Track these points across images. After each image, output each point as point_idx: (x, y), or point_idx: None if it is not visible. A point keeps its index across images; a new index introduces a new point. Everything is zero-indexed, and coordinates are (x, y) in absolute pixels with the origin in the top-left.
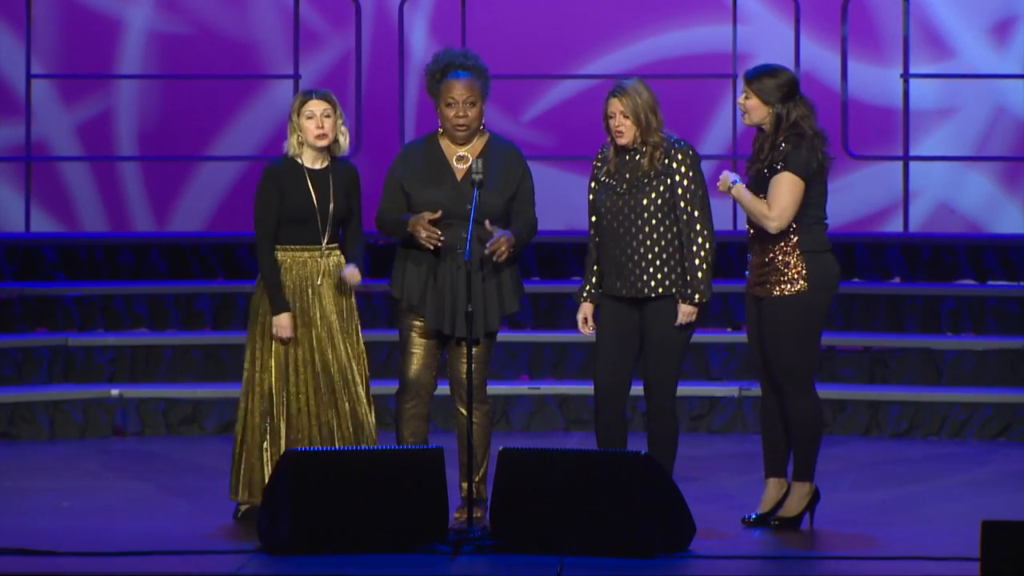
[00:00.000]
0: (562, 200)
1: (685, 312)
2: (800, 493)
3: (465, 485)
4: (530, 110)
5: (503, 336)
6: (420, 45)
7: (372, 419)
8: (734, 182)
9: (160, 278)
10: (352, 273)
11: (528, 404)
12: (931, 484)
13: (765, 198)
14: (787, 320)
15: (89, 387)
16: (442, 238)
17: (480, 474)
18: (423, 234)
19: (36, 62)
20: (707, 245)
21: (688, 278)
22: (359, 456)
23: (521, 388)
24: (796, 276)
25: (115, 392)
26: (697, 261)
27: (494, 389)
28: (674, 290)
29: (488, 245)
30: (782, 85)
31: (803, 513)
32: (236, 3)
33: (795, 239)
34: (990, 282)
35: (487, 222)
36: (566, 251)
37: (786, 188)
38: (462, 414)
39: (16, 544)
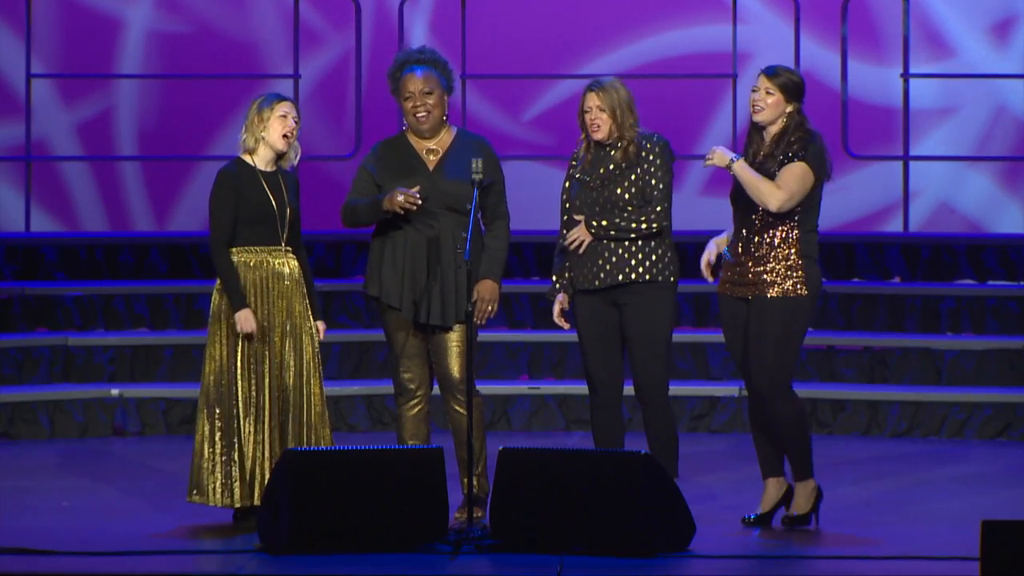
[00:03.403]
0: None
1: (580, 229)
2: (806, 491)
3: (466, 481)
4: (530, 110)
5: (503, 336)
6: (420, 45)
7: (326, 419)
8: (734, 159)
9: (160, 278)
10: (321, 330)
11: (528, 404)
12: (932, 484)
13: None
14: (784, 320)
15: (89, 387)
16: (419, 199)
17: (480, 468)
18: (400, 197)
19: (36, 62)
20: (656, 218)
21: (618, 220)
22: (359, 456)
23: (521, 388)
24: (798, 280)
25: (115, 392)
26: (639, 216)
27: (494, 389)
28: (647, 277)
29: (476, 318)
30: (800, 85)
31: (812, 510)
32: (236, 3)
33: (798, 244)
34: (990, 282)
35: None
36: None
37: (799, 176)
38: (454, 410)
39: (16, 544)
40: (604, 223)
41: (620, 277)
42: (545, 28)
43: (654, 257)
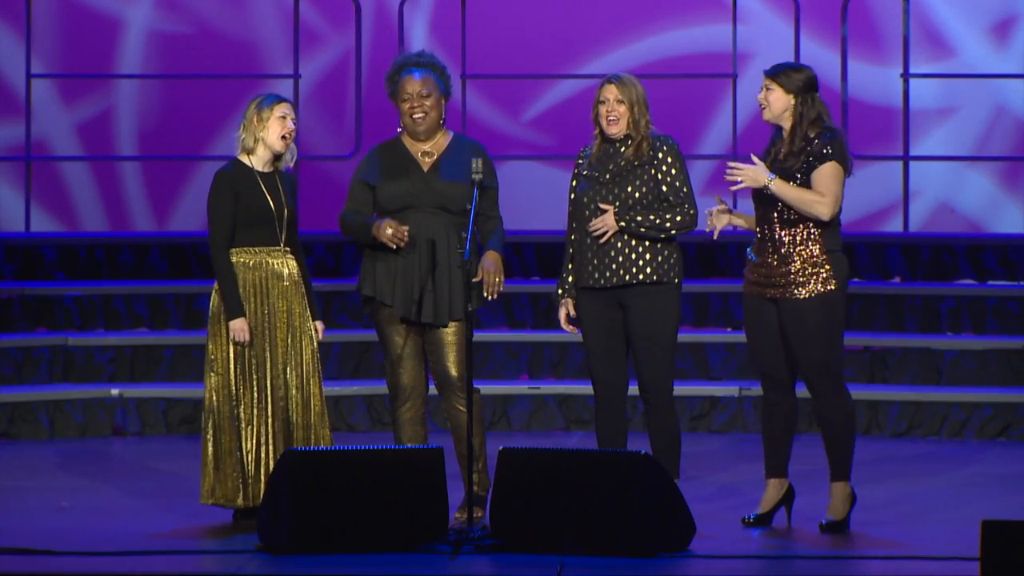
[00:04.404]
0: (562, 200)
1: (607, 217)
2: (843, 495)
3: (467, 476)
4: (530, 110)
5: (503, 336)
6: (420, 45)
7: (326, 419)
8: (771, 177)
9: (160, 278)
10: (319, 330)
11: (528, 404)
12: (931, 484)
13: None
14: (822, 319)
15: (89, 387)
16: (407, 235)
17: (480, 464)
18: (388, 232)
19: (36, 62)
20: (690, 220)
21: (653, 217)
22: (359, 456)
23: (521, 388)
24: (827, 275)
25: (115, 392)
26: (674, 216)
27: (494, 389)
28: (653, 278)
29: (486, 292)
30: (803, 78)
31: (849, 514)
32: (236, 3)
33: (822, 239)
34: (990, 282)
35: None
36: None
37: (834, 176)
38: (454, 408)
39: (16, 544)
40: (639, 218)
41: (627, 277)
42: (545, 28)
43: (660, 258)
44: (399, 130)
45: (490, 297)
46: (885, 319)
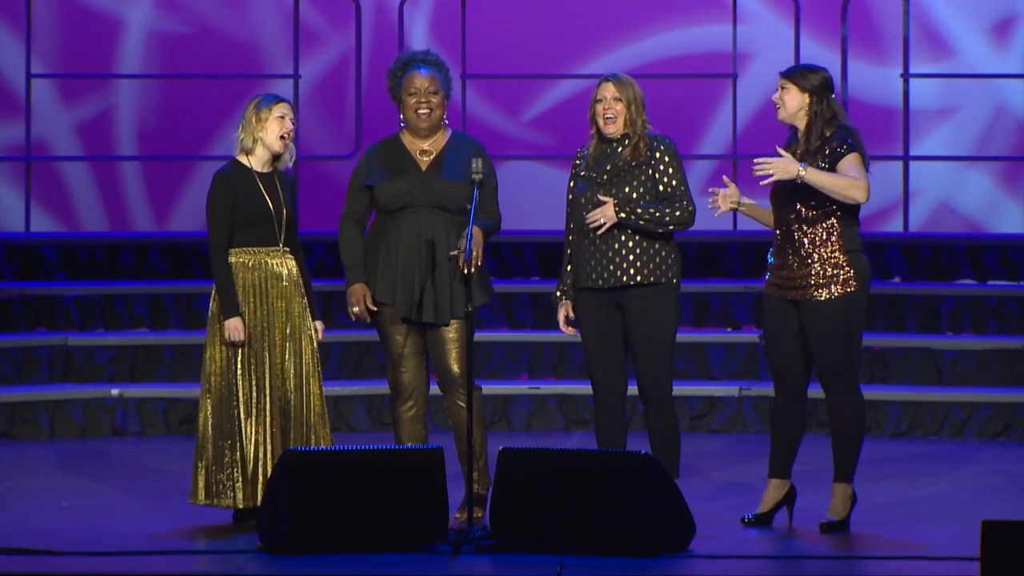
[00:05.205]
0: (562, 200)
1: (607, 208)
2: (845, 495)
3: (467, 471)
4: (530, 110)
5: (503, 336)
6: (420, 45)
7: (326, 419)
8: (803, 166)
9: (160, 278)
10: (319, 330)
11: (528, 404)
12: (931, 484)
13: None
14: (842, 321)
15: (89, 387)
16: (368, 319)
17: (481, 462)
18: (355, 309)
19: (36, 62)
20: (688, 216)
21: (653, 210)
22: (359, 456)
23: (521, 388)
24: (848, 277)
25: (115, 392)
26: (673, 211)
27: (494, 389)
28: (652, 279)
29: (461, 261)
30: (819, 79)
31: (850, 515)
32: (236, 3)
33: (841, 240)
34: (990, 282)
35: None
36: None
37: (860, 164)
38: (456, 405)
39: (16, 544)
40: (639, 210)
41: (624, 278)
42: (545, 28)
43: (658, 259)
44: (401, 125)
45: (464, 270)
46: (885, 319)
